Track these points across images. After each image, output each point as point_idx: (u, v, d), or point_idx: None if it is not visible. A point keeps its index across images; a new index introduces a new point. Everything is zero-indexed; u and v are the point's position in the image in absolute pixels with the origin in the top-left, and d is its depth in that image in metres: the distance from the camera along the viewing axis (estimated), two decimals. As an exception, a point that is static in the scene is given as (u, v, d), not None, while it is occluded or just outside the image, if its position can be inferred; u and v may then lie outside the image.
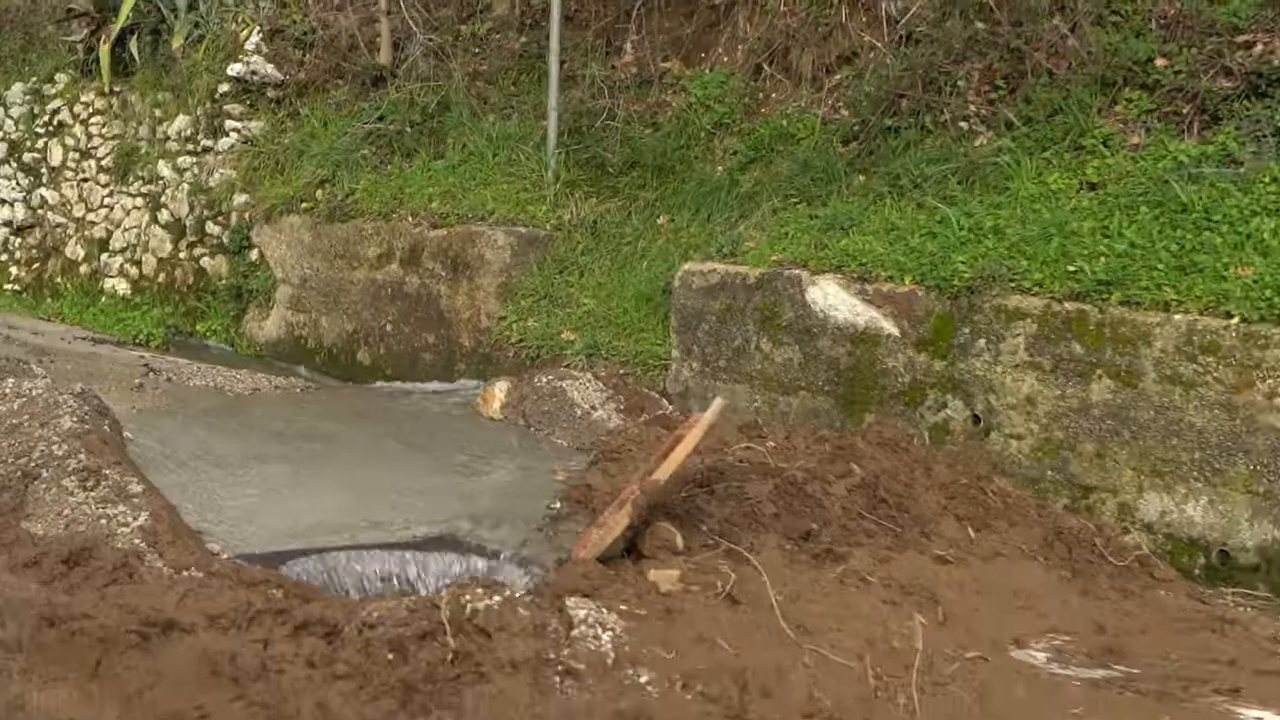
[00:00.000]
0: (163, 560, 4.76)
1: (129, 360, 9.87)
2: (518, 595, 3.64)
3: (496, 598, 3.61)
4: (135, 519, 5.07)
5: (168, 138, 12.16)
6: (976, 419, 7.08)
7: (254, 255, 11.27)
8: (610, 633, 3.80)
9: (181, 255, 11.94)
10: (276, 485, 6.21)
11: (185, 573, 4.65)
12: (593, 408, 7.79)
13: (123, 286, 12.39)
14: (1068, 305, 6.77)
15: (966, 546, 5.61)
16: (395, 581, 5.07)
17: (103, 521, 5.07)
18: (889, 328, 7.41)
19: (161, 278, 12.11)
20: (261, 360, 10.90)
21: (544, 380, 8.08)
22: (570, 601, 3.93)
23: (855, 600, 4.59)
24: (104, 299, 12.45)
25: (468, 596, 3.77)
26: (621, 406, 7.98)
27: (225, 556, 5.17)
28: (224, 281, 11.44)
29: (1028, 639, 4.77)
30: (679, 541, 4.76)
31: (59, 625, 4.07)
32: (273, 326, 11.06)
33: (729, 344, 8.11)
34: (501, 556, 5.27)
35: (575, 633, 3.75)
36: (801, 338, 7.75)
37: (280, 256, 11.04)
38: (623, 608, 4.10)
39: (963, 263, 7.21)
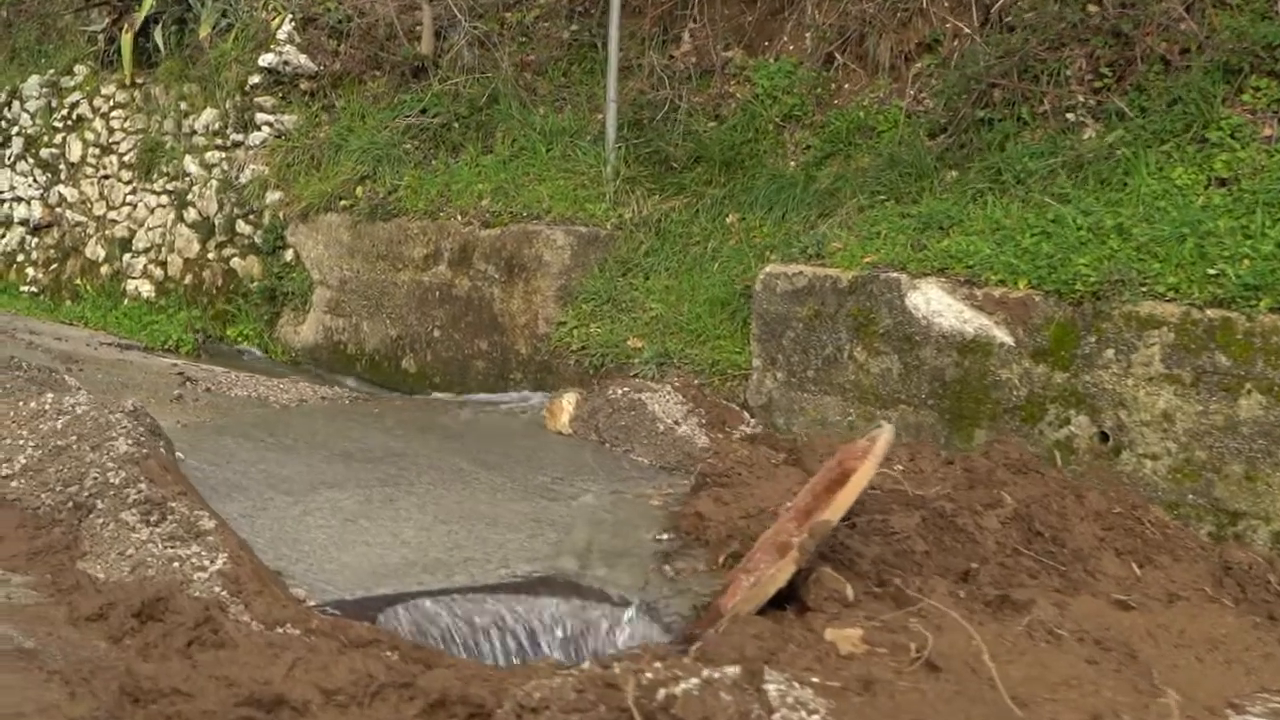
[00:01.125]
0: (250, 613, 4.09)
1: (161, 368, 9.17)
2: (717, 677, 2.96)
3: (693, 679, 2.92)
4: (212, 562, 4.39)
5: (194, 132, 11.45)
6: (1104, 436, 6.41)
7: (288, 256, 10.58)
8: (816, 717, 3.12)
9: (210, 256, 11.23)
10: (351, 514, 5.54)
11: (279, 630, 3.97)
12: (675, 423, 7.12)
13: (146, 289, 11.69)
14: (1210, 312, 6.10)
15: (1136, 586, 4.97)
16: (512, 635, 4.39)
17: (175, 564, 4.39)
18: (1002, 336, 6.73)
19: (188, 279, 11.41)
20: (298, 367, 10.21)
21: (619, 392, 7.40)
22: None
23: (1053, 660, 3.93)
24: (127, 302, 11.75)
25: (650, 674, 3.09)
26: (703, 420, 7.32)
27: (313, 604, 4.50)
28: (256, 284, 10.75)
29: (1242, 701, 4.10)
30: (849, 592, 4.10)
31: (146, 703, 3.39)
32: (309, 331, 10.37)
33: (818, 352, 7.43)
34: (630, 606, 4.59)
35: (777, 718, 3.07)
36: (901, 346, 7.07)
37: (317, 257, 10.35)
38: (814, 680, 3.42)
39: (1085, 265, 6.54)
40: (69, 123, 12.70)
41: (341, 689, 3.41)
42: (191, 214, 11.43)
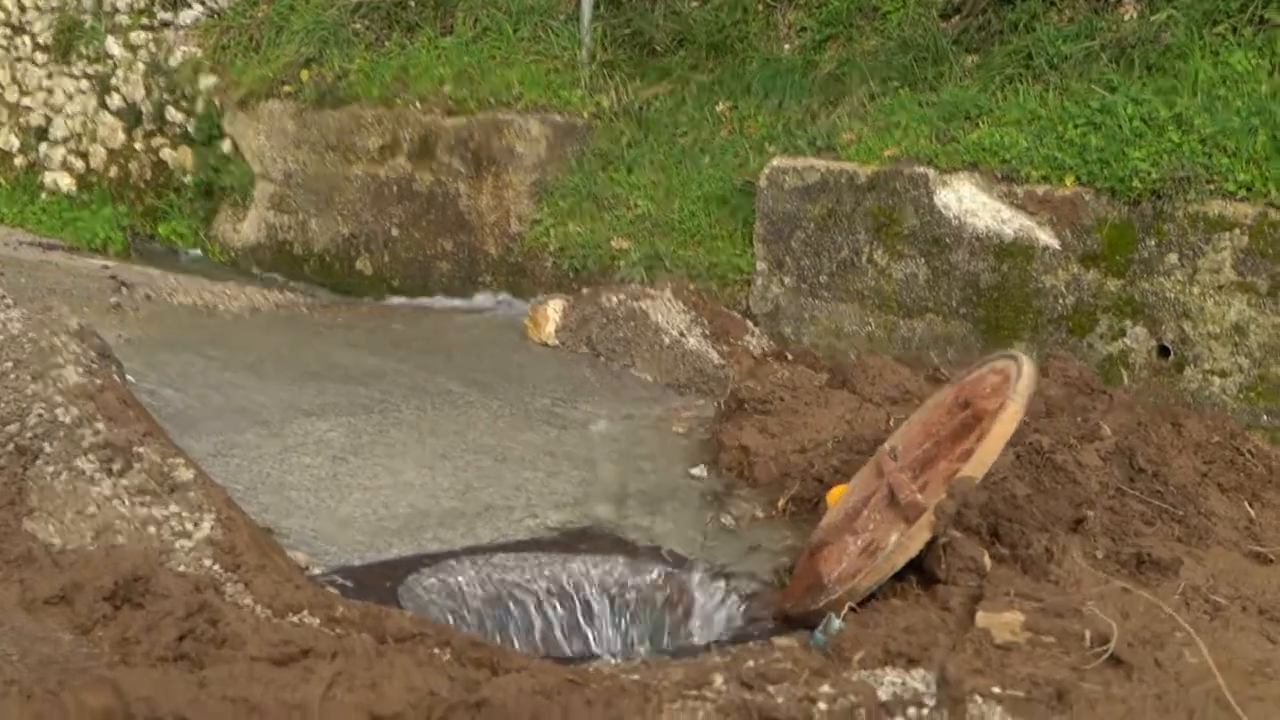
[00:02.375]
0: (253, 595, 3.26)
1: (91, 271, 8.17)
2: (922, 714, 2.19)
3: (901, 718, 2.15)
4: (197, 525, 3.54)
5: (117, 10, 10.29)
6: (1165, 350, 5.70)
7: (226, 147, 9.54)
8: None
9: (137, 146, 10.15)
10: (339, 451, 4.70)
11: (295, 619, 3.14)
12: (681, 334, 6.31)
13: (66, 182, 10.58)
14: (1290, 213, 5.37)
15: (1257, 531, 4.25)
16: (565, 610, 3.60)
17: (151, 529, 3.53)
18: (1046, 239, 5.98)
19: (113, 172, 10.33)
20: (239, 269, 9.24)
21: (614, 300, 6.56)
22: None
23: (1230, 640, 3.21)
24: (45, 196, 10.62)
25: (825, 703, 2.30)
26: (706, 331, 6.50)
27: (317, 573, 3.67)
28: (190, 177, 9.71)
29: None
30: (987, 562, 3.33)
31: None
32: (251, 230, 9.39)
33: (832, 255, 6.64)
34: (696, 570, 3.81)
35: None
36: (929, 249, 6.30)
37: (259, 148, 9.33)
38: (994, 690, 2.66)
39: (1142, 160, 5.78)
40: (-26, 0, 11.46)
41: (398, 715, 2.59)
42: (115, 100, 10.31)
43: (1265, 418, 5.43)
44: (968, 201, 6.22)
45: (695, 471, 4.76)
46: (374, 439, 4.90)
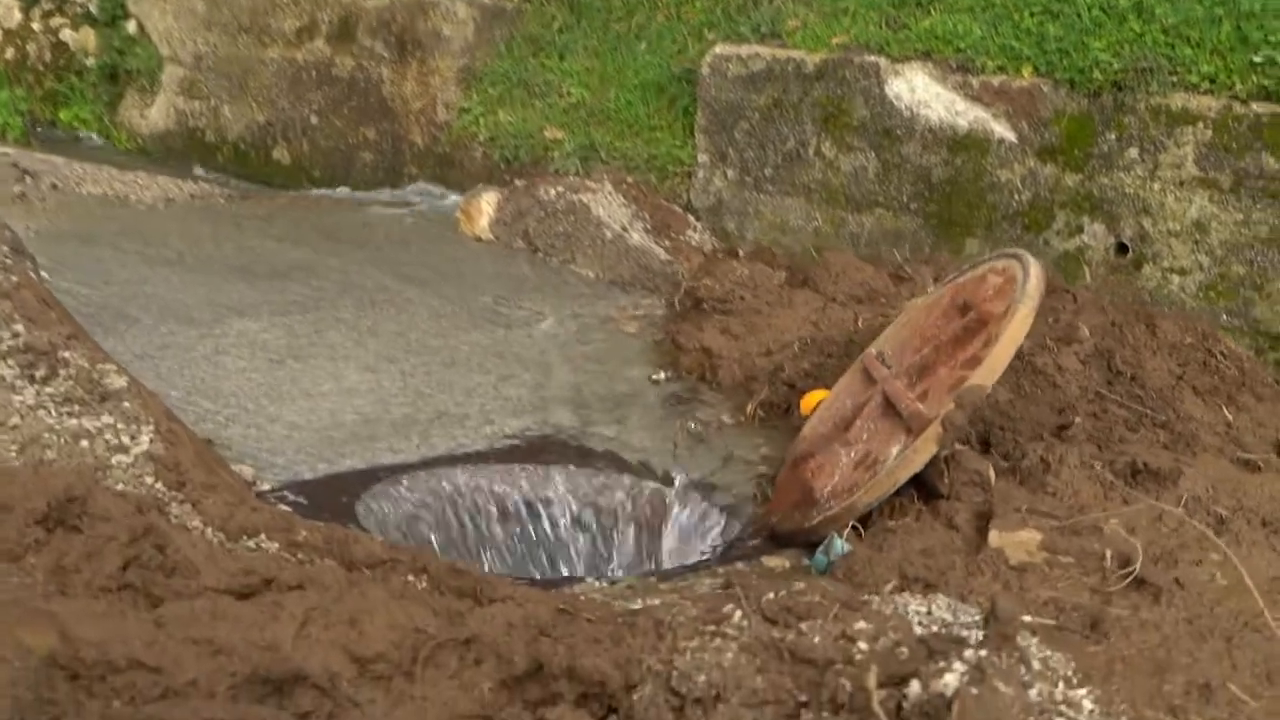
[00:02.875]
0: (202, 517, 2.96)
1: (-10, 159, 7.63)
2: (980, 657, 1.96)
3: (956, 662, 1.91)
4: (134, 438, 3.22)
5: (9, -120, 9.63)
6: (1123, 248, 5.52)
7: (131, 28, 9.00)
8: (1081, 693, 2.15)
9: (35, 26, 9.55)
10: (276, 353, 4.37)
11: (252, 544, 2.85)
12: (624, 229, 6.02)
13: (-43, 63, 9.95)
14: (1255, 106, 5.18)
15: (1237, 437, 4.09)
16: (537, 528, 3.34)
17: (83, 443, 3.20)
18: (1001, 131, 5.75)
19: (10, 54, 9.72)
20: (148, 157, 8.74)
21: (552, 192, 6.24)
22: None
23: (1246, 558, 3.02)
24: (-66, 78, 9.99)
25: (865, 643, 2.07)
26: (648, 225, 6.21)
27: (266, 488, 3.38)
28: (93, 60, 9.17)
29: None
30: (992, 476, 3.11)
31: (90, 681, 2.31)
32: (159, 116, 8.88)
33: (777, 147, 6.36)
34: (671, 482, 3.56)
35: (1035, 693, 2.10)
36: (879, 141, 6.04)
37: (166, 29, 8.80)
38: (1024, 618, 2.45)
39: (1103, 51, 5.56)
40: None
41: (381, 655, 2.33)
42: (9, -23, 9.69)
43: (1225, 317, 5.29)
44: (920, 92, 5.96)
45: (655, 375, 4.51)
46: (312, 340, 4.57)
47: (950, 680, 1.91)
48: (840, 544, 2.91)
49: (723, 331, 4.50)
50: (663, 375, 4.50)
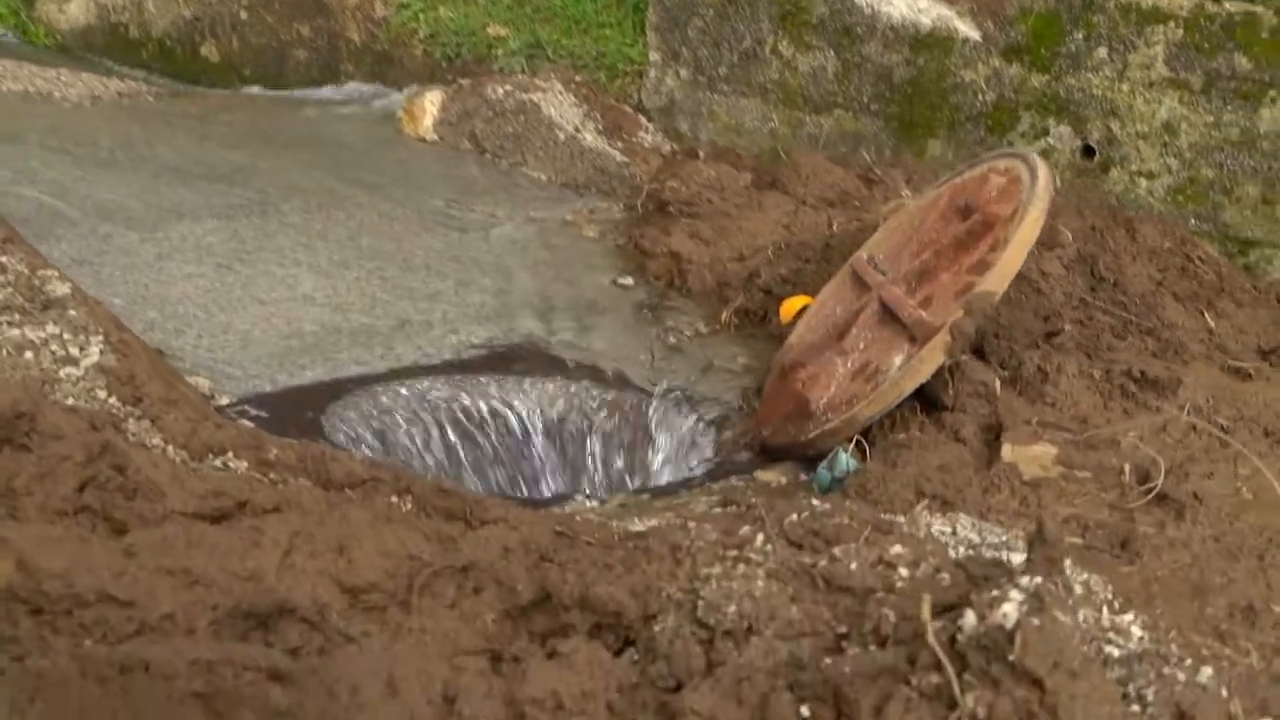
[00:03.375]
0: (162, 434, 2.74)
1: (-101, 54, 7.22)
2: (1033, 584, 1.80)
3: (1013, 591, 1.76)
4: (83, 350, 2.99)
5: None
6: (1089, 150, 5.38)
7: (46, -84, 8.52)
8: (1126, 618, 2.02)
9: (-58, -86, 9.02)
10: (223, 258, 4.12)
11: (219, 463, 2.64)
12: (576, 130, 5.77)
13: None
14: (1228, 5, 5.04)
15: (1221, 343, 4.00)
16: (515, 443, 3.15)
17: (27, 355, 2.97)
18: (965, 30, 5.56)
19: (-84, -56, 9.19)
20: (68, 54, 8.30)
21: (500, 91, 5.98)
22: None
23: (1257, 471, 2.89)
24: None
25: (905, 569, 1.92)
26: (600, 127, 5.98)
27: (225, 402, 3.16)
28: (6, -50, 8.68)
29: None
30: (997, 387, 2.96)
31: (55, 615, 2.13)
32: (79, 10, 8.45)
33: (732, 46, 6.13)
34: (653, 393, 3.38)
35: (1083, 616, 1.96)
36: (839, 40, 5.83)
37: (84, -81, 8.36)
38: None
39: (1071, -54, 5.36)
40: None
41: (374, 584, 2.14)
42: None
43: (1194, 222, 5.18)
44: (882, -11, 5.75)
45: (622, 280, 4.31)
46: (259, 244, 4.32)
47: (1009, 610, 1.75)
48: (845, 459, 2.75)
49: (691, 235, 4.31)
50: (629, 281, 4.31)
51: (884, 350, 3.02)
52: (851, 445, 2.86)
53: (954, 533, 2.29)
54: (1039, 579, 1.83)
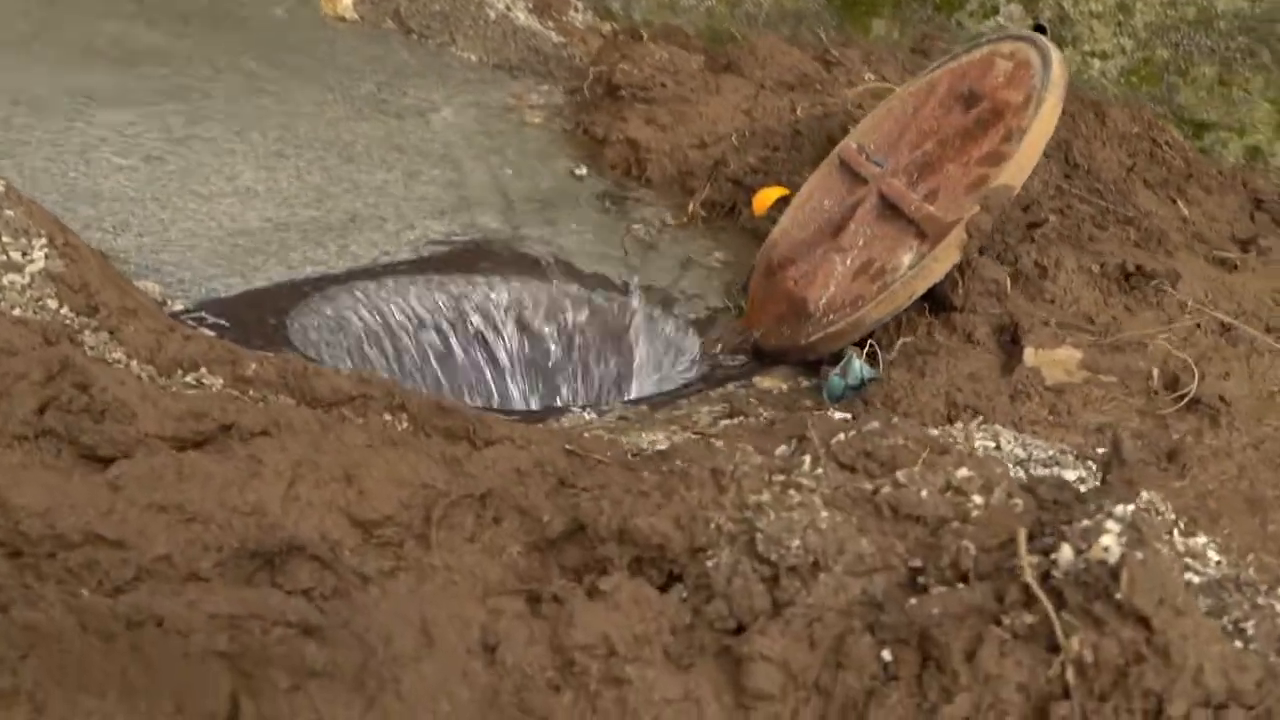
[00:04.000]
0: (125, 348, 2.51)
1: None
2: (1117, 513, 1.67)
3: (1109, 521, 1.62)
4: (26, 255, 2.73)
5: None
6: (1041, 29, 5.22)
7: None
8: (1205, 541, 1.90)
9: None
10: (154, 150, 3.84)
11: (192, 380, 2.42)
12: (508, 7, 5.49)
13: None
14: None
15: (1197, 232, 3.90)
16: (482, 341, 2.96)
17: (-41, 260, 2.69)
18: (911, -97, 5.35)
19: None
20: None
21: (425, -33, 5.65)
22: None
23: (1269, 370, 2.80)
24: None
25: (975, 494, 1.77)
26: (530, 5, 5.70)
27: (179, 309, 2.92)
28: None
29: None
30: (1008, 285, 2.81)
31: (37, 559, 1.95)
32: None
33: (666, -81, 5.85)
34: (633, 292, 3.19)
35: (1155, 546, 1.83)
36: (778, -86, 5.59)
37: None
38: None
39: None
40: None
41: (389, 518, 1.95)
42: None
43: (1148, 104, 5.05)
44: None
45: (577, 171, 4.09)
46: (189, 133, 4.03)
47: (1109, 544, 1.61)
48: (860, 366, 2.59)
49: (648, 122, 4.09)
50: (584, 170, 4.09)
51: (889, 248, 2.86)
52: (864, 351, 2.71)
53: (998, 448, 2.15)
54: (1130, 507, 1.69)
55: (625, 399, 2.88)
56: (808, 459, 1.96)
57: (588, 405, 2.66)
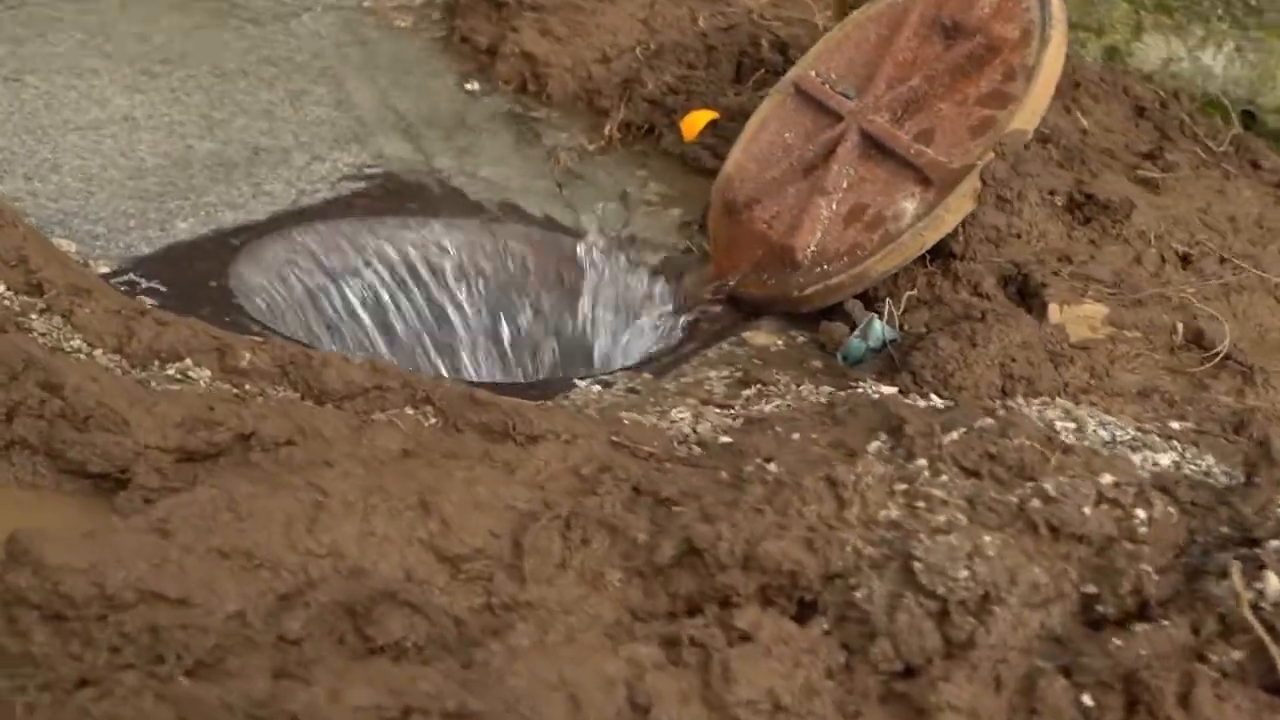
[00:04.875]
0: (83, 335, 2.18)
1: None
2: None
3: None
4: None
5: None
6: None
7: None
8: None
9: None
10: (8, 69, 3.39)
11: (171, 372, 2.13)
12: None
13: None
14: None
15: (1103, 146, 3.87)
16: (434, 304, 2.70)
17: None
18: None
19: None
20: None
21: None
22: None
23: (1248, 307, 2.78)
24: None
25: (1089, 484, 1.66)
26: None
27: (105, 271, 2.58)
28: None
29: None
30: (1008, 231, 2.68)
31: (74, 624, 1.67)
32: None
33: None
34: (588, 235, 2.95)
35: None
36: None
37: None
38: (1174, 424, 2.11)
39: None
40: None
41: (479, 551, 1.74)
42: None
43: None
44: None
45: (468, 86, 3.78)
46: (39, 48, 3.57)
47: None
48: (881, 328, 2.43)
49: (543, 33, 3.80)
50: (476, 85, 3.78)
51: (884, 192, 2.68)
52: (879, 310, 2.54)
53: (1079, 430, 2.03)
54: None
55: (623, 365, 2.66)
56: (924, 464, 1.80)
57: (589, 376, 2.43)
